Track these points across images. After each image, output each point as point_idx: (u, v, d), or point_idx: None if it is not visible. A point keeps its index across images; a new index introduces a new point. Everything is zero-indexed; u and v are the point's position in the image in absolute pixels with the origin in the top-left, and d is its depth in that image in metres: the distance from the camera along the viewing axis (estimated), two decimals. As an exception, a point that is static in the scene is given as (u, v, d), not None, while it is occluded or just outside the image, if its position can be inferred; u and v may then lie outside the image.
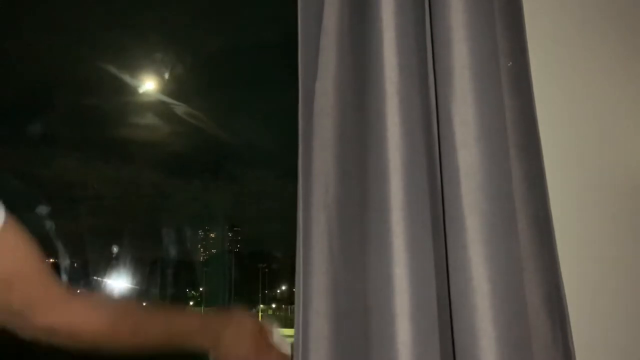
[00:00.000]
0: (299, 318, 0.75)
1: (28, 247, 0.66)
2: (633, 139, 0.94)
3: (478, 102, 0.72)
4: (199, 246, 3.08)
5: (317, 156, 0.79)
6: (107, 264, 2.53)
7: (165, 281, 2.83)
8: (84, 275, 2.60)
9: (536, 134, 0.79)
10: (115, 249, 2.61)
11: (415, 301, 0.66)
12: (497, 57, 0.76)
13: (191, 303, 2.96)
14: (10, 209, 0.65)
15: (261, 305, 3.11)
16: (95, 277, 2.55)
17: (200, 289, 3.01)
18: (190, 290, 2.99)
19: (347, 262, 0.75)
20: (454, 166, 0.70)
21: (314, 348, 0.72)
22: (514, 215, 0.72)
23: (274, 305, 3.18)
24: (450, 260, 0.68)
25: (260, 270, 3.08)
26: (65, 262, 2.54)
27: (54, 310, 0.67)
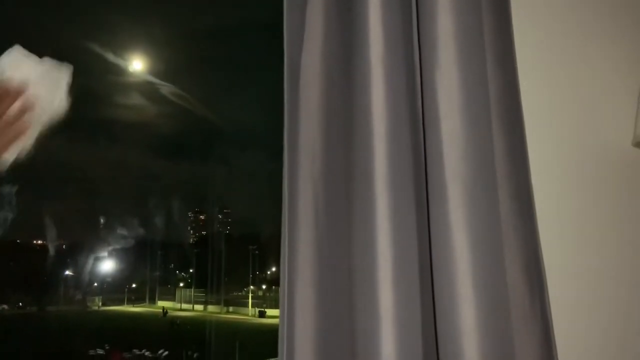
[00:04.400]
0: (284, 288, 0.76)
1: None
2: (614, 112, 0.95)
3: (462, 73, 0.73)
4: (189, 228, 3.08)
5: (303, 128, 0.80)
6: (96, 245, 2.53)
7: (155, 263, 2.84)
8: (72, 256, 2.60)
9: (519, 107, 0.80)
10: (103, 231, 2.60)
11: (397, 268, 0.68)
12: (482, 29, 0.77)
13: (181, 284, 2.98)
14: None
15: (251, 287, 3.13)
16: (83, 258, 2.55)
17: (190, 271, 3.02)
18: (180, 272, 3.00)
19: (332, 231, 0.76)
20: (437, 136, 0.71)
21: (300, 315, 0.74)
22: (495, 185, 0.73)
23: (264, 287, 3.21)
24: (432, 227, 0.69)
25: (251, 252, 3.10)
26: (53, 243, 2.53)
27: None
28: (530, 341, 0.75)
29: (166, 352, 2.30)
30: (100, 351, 2.16)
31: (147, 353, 2.26)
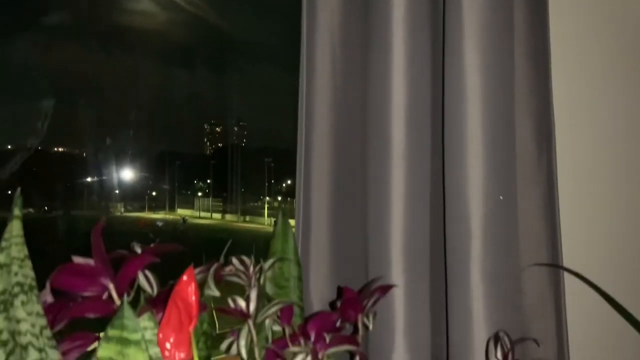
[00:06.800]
0: (301, 138, 0.78)
1: None
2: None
3: None
4: (205, 139, 3.13)
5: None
6: (114, 154, 2.58)
7: (173, 172, 2.91)
8: (93, 164, 2.67)
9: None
10: (121, 140, 2.65)
11: (410, 111, 0.69)
12: None
13: (200, 194, 3.07)
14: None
15: (267, 198, 3.22)
16: (104, 166, 2.62)
17: (208, 181, 3.10)
18: (198, 182, 3.09)
19: (348, 82, 0.77)
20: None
21: (317, 164, 0.76)
22: (511, 32, 0.72)
23: (279, 198, 3.29)
24: (446, 66, 0.70)
25: (266, 164, 3.16)
26: (74, 152, 2.60)
27: None
28: (534, 195, 0.77)
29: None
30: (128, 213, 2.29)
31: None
